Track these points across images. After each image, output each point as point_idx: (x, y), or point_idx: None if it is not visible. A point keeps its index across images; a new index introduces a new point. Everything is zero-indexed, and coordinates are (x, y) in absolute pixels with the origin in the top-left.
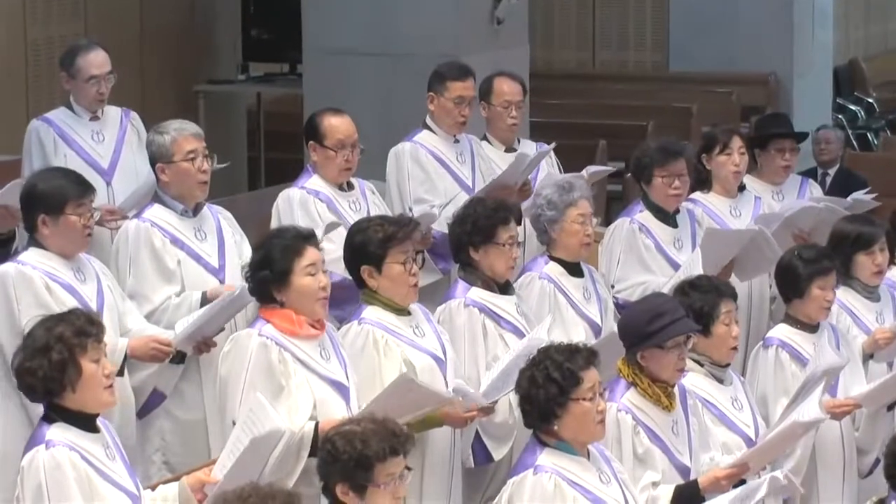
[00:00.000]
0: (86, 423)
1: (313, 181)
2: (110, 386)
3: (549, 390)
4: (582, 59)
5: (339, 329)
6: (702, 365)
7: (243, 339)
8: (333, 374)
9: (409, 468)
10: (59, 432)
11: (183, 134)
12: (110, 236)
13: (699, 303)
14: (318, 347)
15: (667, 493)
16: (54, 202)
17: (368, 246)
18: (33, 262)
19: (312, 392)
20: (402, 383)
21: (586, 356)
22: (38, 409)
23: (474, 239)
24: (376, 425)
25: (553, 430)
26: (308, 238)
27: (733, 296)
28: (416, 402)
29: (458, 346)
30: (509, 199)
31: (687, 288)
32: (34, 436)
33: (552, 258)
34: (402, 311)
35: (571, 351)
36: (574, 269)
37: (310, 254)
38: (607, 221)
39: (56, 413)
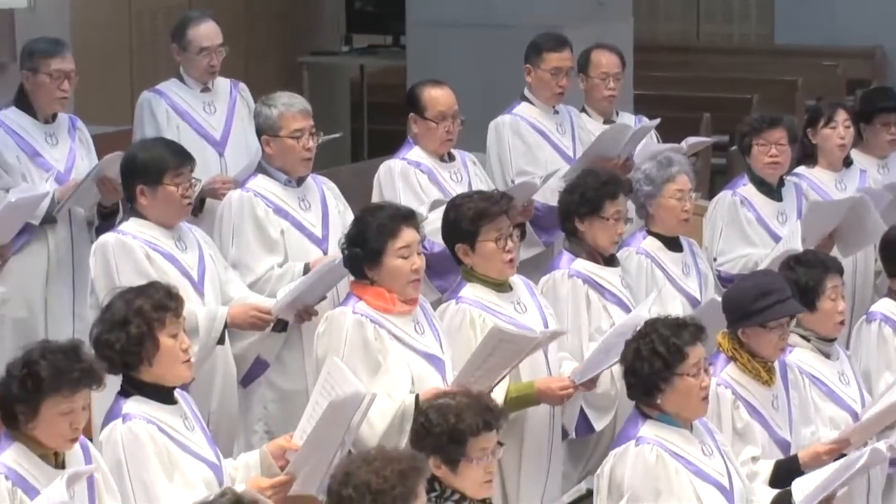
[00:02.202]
0: (163, 395)
1: (414, 153)
2: (187, 360)
3: (654, 364)
4: (686, 32)
5: (440, 300)
6: (808, 340)
7: (338, 318)
8: (429, 347)
9: (500, 444)
10: (136, 406)
11: (291, 110)
12: None
13: (805, 278)
14: (412, 322)
15: (766, 467)
16: (153, 172)
17: (461, 223)
18: (133, 232)
19: (409, 367)
20: (492, 336)
21: (693, 332)
22: None
23: (581, 210)
24: (470, 399)
25: (656, 403)
26: (406, 218)
27: (839, 270)
28: (509, 353)
29: (560, 318)
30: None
31: (793, 262)
32: (111, 410)
33: (650, 233)
34: (503, 287)
35: (678, 325)
36: (672, 244)
37: (405, 235)
38: (711, 195)
39: (133, 386)
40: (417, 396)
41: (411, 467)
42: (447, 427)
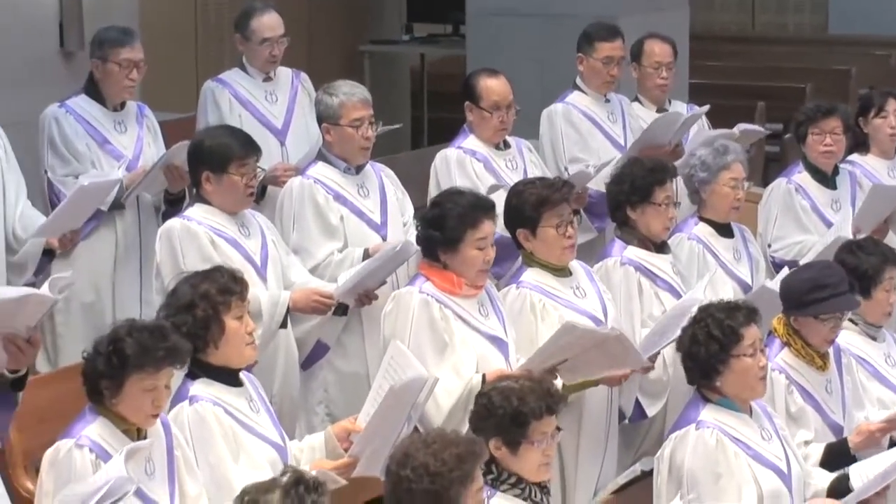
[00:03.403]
0: (228, 377)
1: (470, 141)
2: (252, 342)
3: (711, 347)
4: (741, 22)
5: (496, 285)
6: (856, 324)
7: (405, 297)
8: (493, 329)
9: (559, 428)
10: (202, 388)
11: (351, 100)
12: None
13: (865, 265)
14: (477, 304)
15: (817, 451)
16: (218, 160)
17: (523, 209)
18: (198, 218)
19: (473, 348)
20: (564, 331)
21: (747, 313)
22: None
23: (631, 198)
24: (533, 383)
25: (716, 386)
26: (487, 210)
27: None
28: (577, 347)
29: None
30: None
31: (855, 247)
32: (178, 392)
33: (702, 219)
34: (563, 272)
35: (732, 308)
36: (724, 230)
37: (484, 227)
38: (765, 182)
39: (199, 369)
40: (484, 376)
41: (469, 451)
42: (510, 409)
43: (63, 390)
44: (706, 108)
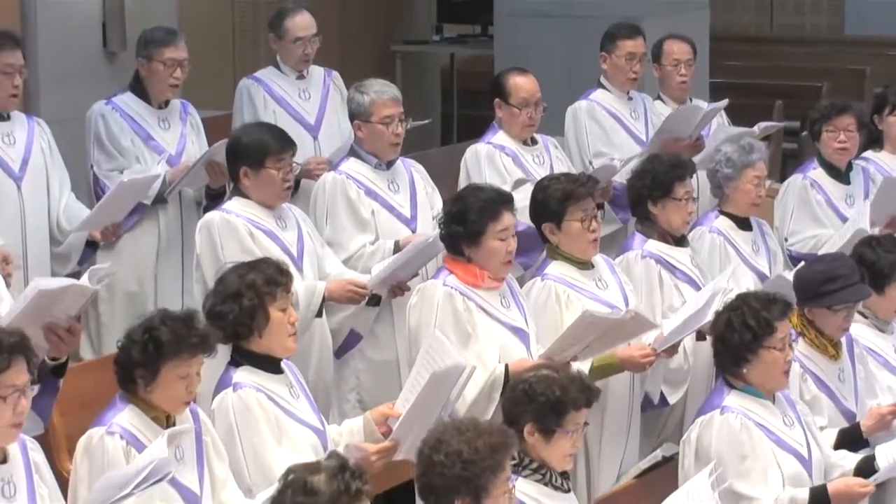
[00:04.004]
0: (271, 365)
1: (499, 137)
2: (294, 333)
3: (744, 336)
4: (760, 23)
5: (522, 275)
6: (866, 317)
7: (429, 290)
8: (514, 321)
9: (586, 423)
10: (245, 375)
11: (382, 98)
12: None
13: (882, 262)
14: (499, 297)
15: (831, 436)
16: (256, 155)
17: (549, 204)
18: (237, 211)
19: (496, 338)
20: (583, 319)
21: (782, 308)
22: None
23: (653, 193)
24: (571, 375)
25: (742, 373)
26: (507, 202)
27: None
28: (597, 334)
29: (634, 296)
30: (683, 154)
31: (874, 242)
32: (222, 379)
33: (722, 212)
34: (585, 265)
35: (769, 300)
36: (743, 224)
37: (505, 219)
38: (782, 178)
39: (242, 356)
40: (507, 367)
41: (501, 442)
42: (553, 398)
43: (105, 377)
44: (725, 102)
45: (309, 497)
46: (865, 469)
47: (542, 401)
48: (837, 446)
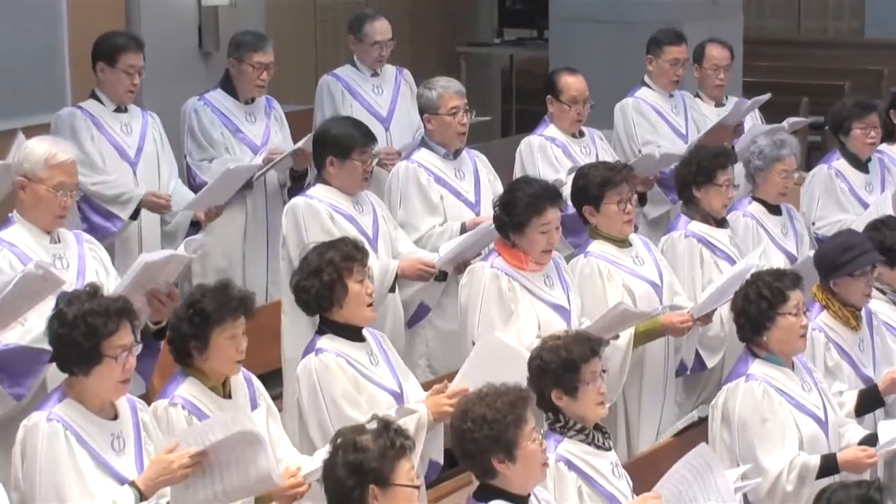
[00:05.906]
0: (352, 333)
1: (550, 130)
2: (371, 303)
3: (760, 305)
4: (789, 27)
5: (572, 252)
6: (884, 293)
7: (478, 271)
8: (556, 298)
9: (604, 370)
10: (327, 342)
11: (448, 91)
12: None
13: (890, 240)
14: (543, 276)
15: (851, 398)
16: (343, 147)
17: (589, 189)
18: (320, 196)
19: (537, 314)
20: (618, 310)
21: (792, 278)
22: None
23: (697, 179)
24: (573, 335)
25: (763, 341)
26: (553, 199)
27: None
28: (629, 322)
29: (678, 271)
30: (725, 142)
31: (879, 225)
32: (308, 346)
33: (755, 199)
34: (623, 244)
35: (779, 274)
36: (774, 209)
37: (548, 214)
38: (808, 167)
39: (327, 326)
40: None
41: (518, 397)
42: (561, 360)
43: None
44: (768, 95)
45: (359, 454)
46: (868, 442)
47: (554, 367)
48: (858, 406)
